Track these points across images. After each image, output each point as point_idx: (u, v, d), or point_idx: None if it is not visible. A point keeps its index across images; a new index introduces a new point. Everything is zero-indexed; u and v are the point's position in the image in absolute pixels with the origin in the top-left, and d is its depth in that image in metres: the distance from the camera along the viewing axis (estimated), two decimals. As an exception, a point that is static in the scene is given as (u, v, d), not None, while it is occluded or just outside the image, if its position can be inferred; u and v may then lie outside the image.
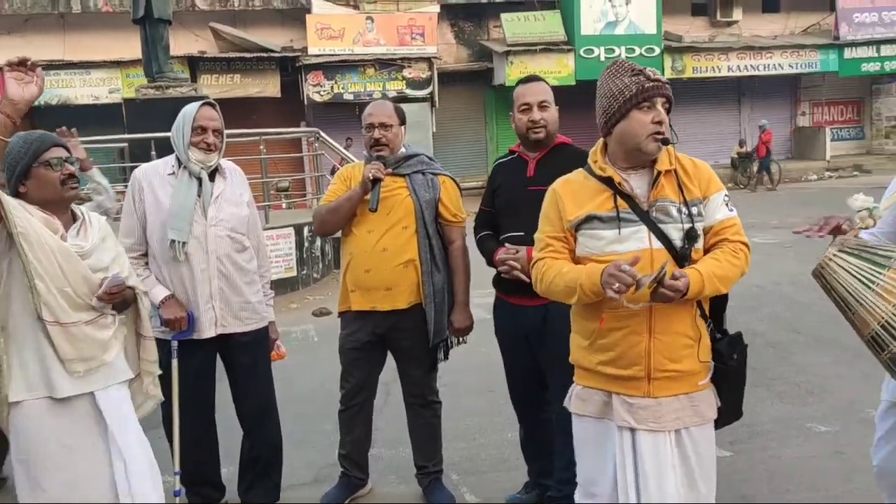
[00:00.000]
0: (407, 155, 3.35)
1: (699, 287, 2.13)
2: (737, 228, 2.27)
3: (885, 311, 2.09)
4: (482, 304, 4.34)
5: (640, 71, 2.27)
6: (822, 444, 3.96)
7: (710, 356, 2.28)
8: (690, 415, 2.24)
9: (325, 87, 18.77)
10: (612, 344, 2.26)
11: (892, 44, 22.24)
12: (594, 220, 2.27)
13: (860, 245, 2.20)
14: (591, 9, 20.16)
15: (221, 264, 3.05)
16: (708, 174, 2.31)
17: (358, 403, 3.42)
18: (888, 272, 2.12)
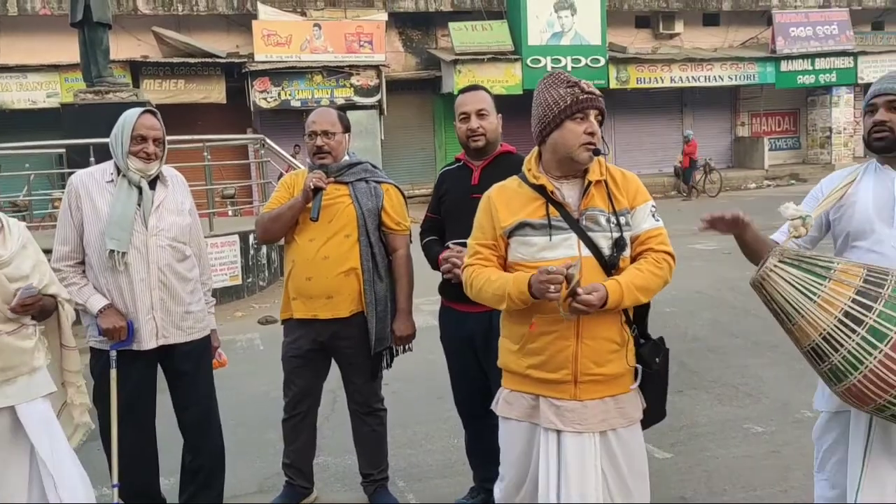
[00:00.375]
0: (350, 163, 3.34)
1: (618, 298, 2.20)
2: (662, 238, 2.34)
3: (827, 322, 2.07)
4: (430, 310, 4.36)
5: (574, 83, 2.33)
6: (758, 445, 4.07)
7: (633, 361, 2.36)
8: (616, 416, 2.31)
9: (271, 94, 18.59)
10: (541, 348, 2.32)
11: (826, 57, 23.10)
12: (526, 227, 2.33)
13: (800, 256, 2.20)
14: (537, 19, 20.43)
15: (162, 274, 2.99)
16: (636, 185, 2.39)
17: (302, 412, 3.39)
18: (829, 283, 2.10)
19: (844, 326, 2.06)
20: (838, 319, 2.07)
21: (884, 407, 2.08)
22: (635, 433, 2.37)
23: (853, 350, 2.05)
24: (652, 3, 22.94)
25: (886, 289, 2.07)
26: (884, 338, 2.02)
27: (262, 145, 10.34)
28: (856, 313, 2.06)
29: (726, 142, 24.92)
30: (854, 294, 2.07)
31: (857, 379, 2.06)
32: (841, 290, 2.09)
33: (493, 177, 3.05)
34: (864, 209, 2.37)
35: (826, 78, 23.21)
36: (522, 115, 10.60)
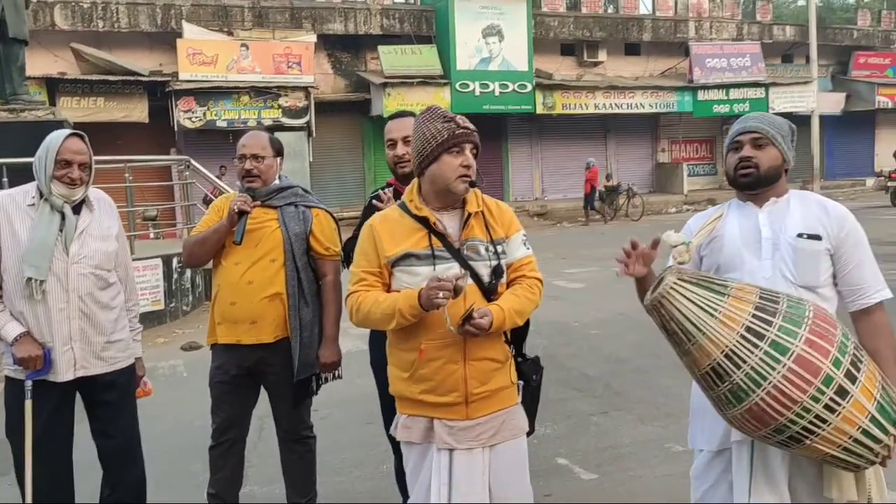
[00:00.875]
0: (280, 187, 3.32)
1: (501, 322, 2.36)
2: (533, 265, 2.53)
3: (730, 338, 2.03)
4: (358, 334, 4.34)
5: (451, 118, 2.46)
6: (679, 464, 4.18)
7: (515, 377, 2.54)
8: (507, 429, 2.47)
9: (197, 114, 18.25)
10: (432, 374, 2.41)
11: (740, 87, 24.24)
12: (411, 258, 2.41)
13: (697, 275, 2.18)
14: (465, 45, 20.77)
15: (83, 303, 2.89)
16: (510, 216, 2.56)
17: (229, 439, 3.31)
18: (729, 299, 2.08)
19: (747, 341, 2.02)
20: (740, 335, 2.03)
21: (783, 427, 2.02)
22: (521, 444, 2.53)
23: (756, 365, 2.01)
24: (576, 32, 23.64)
25: (781, 304, 2.08)
26: (786, 351, 2.00)
27: (187, 166, 10.13)
28: (757, 328, 2.03)
29: (648, 167, 25.78)
30: (753, 309, 2.05)
31: (759, 397, 2.01)
32: (740, 306, 2.06)
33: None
34: (733, 243, 2.41)
35: (740, 108, 24.31)
36: (451, 140, 10.67)
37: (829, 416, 1.98)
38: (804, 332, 2.01)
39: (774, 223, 2.38)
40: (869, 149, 29.40)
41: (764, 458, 2.27)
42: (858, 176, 27.95)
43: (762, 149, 2.40)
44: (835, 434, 2.00)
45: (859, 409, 2.00)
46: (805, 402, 1.97)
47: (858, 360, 2.05)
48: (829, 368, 1.98)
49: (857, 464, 2.07)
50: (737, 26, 26.15)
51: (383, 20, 21.14)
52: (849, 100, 27.36)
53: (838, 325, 2.10)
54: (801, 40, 26.24)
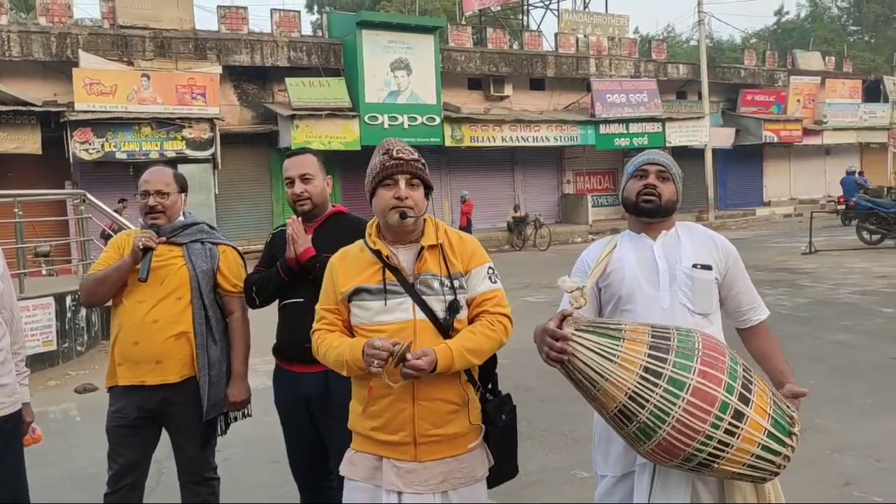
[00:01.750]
0: (185, 224, 3.24)
1: (448, 362, 2.24)
2: (498, 300, 2.38)
3: (630, 380, 2.08)
4: (265, 370, 4.25)
5: (388, 150, 2.40)
6: (584, 490, 4.26)
7: (478, 419, 2.40)
8: (458, 476, 2.34)
9: (94, 145, 17.57)
10: (381, 410, 2.34)
11: (638, 122, 25.32)
12: (363, 293, 2.37)
13: (592, 322, 2.22)
14: (374, 78, 20.90)
15: None
16: (472, 249, 2.43)
17: (127, 485, 3.15)
18: (624, 343, 2.13)
19: (646, 381, 2.08)
20: (640, 376, 2.08)
21: (691, 456, 2.08)
22: (477, 491, 2.40)
23: (658, 403, 2.06)
24: (483, 66, 24.20)
25: (672, 340, 2.15)
26: (683, 386, 2.06)
27: (83, 200, 9.71)
28: (654, 367, 2.09)
29: (554, 198, 26.48)
30: (648, 349, 2.11)
31: (665, 432, 2.06)
32: (636, 348, 2.12)
33: (325, 237, 3.10)
34: (632, 274, 2.47)
35: (639, 141, 25.38)
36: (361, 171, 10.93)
37: (731, 439, 2.06)
38: (696, 365, 2.09)
39: (669, 255, 2.47)
40: (758, 180, 31.19)
41: (665, 479, 2.34)
42: (749, 206, 29.59)
43: (665, 182, 2.52)
44: (738, 455, 2.08)
45: (756, 427, 2.09)
46: (706, 430, 2.05)
47: (749, 381, 2.14)
48: (724, 395, 2.06)
49: (763, 477, 2.16)
50: (634, 64, 27.39)
51: (290, 52, 21.06)
52: (738, 134, 29.01)
53: (726, 351, 2.19)
54: (694, 78, 27.72)
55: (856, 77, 33.68)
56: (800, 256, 15.59)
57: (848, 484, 4.20)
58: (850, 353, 7.35)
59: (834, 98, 31.55)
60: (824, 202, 27.58)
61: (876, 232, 17.04)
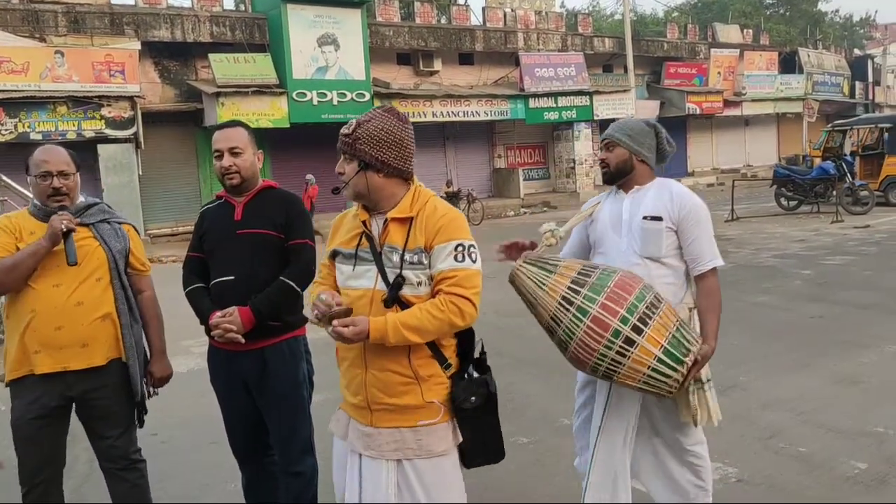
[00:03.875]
0: (88, 204, 3.13)
1: (380, 335, 2.23)
2: (457, 280, 2.27)
3: (552, 305, 2.69)
4: (200, 352, 4.17)
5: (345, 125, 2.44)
6: (524, 455, 4.37)
7: (440, 396, 2.35)
8: (413, 447, 2.34)
9: (7, 126, 16.75)
10: (344, 371, 2.49)
11: (567, 96, 25.59)
12: (339, 255, 2.48)
13: (538, 258, 2.82)
14: (301, 54, 20.48)
15: None
16: (441, 223, 2.32)
17: (45, 479, 3.02)
18: (553, 276, 2.72)
19: (562, 307, 2.66)
20: (558, 302, 2.67)
21: (595, 367, 2.67)
22: (437, 466, 2.35)
23: (568, 324, 2.65)
24: (411, 41, 24.01)
25: (591, 278, 2.69)
26: (586, 313, 2.63)
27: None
28: (569, 296, 2.67)
29: (486, 173, 26.62)
30: (569, 283, 2.69)
31: (573, 346, 2.66)
32: (561, 281, 2.71)
33: (255, 212, 3.06)
34: (603, 223, 3.05)
35: (568, 114, 25.69)
36: (290, 149, 10.70)
37: (622, 359, 2.61)
38: (601, 299, 2.63)
39: (633, 207, 2.99)
40: (682, 151, 32.01)
41: (619, 393, 2.92)
42: (673, 176, 30.17)
43: (612, 150, 3.04)
44: (631, 372, 2.62)
45: (646, 353, 2.60)
46: (600, 349, 2.61)
47: (648, 316, 2.62)
48: (618, 325, 2.60)
49: (662, 390, 2.67)
50: (561, 38, 27.63)
51: (213, 27, 20.44)
52: (663, 107, 29.68)
53: (636, 290, 2.66)
54: (619, 51, 28.15)
55: (772, 49, 34.81)
56: (723, 224, 16.14)
57: (773, 437, 4.42)
58: (771, 314, 7.70)
59: (752, 70, 32.59)
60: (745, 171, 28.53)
61: (793, 198, 17.78)
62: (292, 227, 3.05)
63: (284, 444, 3.09)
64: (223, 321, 2.90)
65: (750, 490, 3.77)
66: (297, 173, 19.69)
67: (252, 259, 2.99)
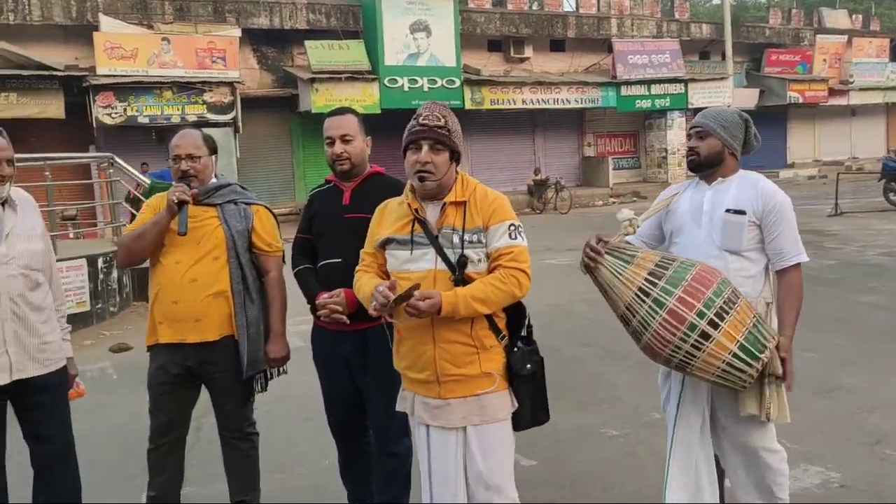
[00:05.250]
0: (219, 185, 3.28)
1: (452, 307, 2.41)
2: (514, 255, 2.50)
3: (628, 295, 2.70)
4: (298, 331, 4.32)
5: (418, 115, 2.57)
6: (614, 447, 4.33)
7: (497, 366, 2.56)
8: (478, 414, 2.53)
9: (116, 110, 17.64)
10: (407, 351, 2.59)
11: (660, 83, 24.95)
12: (392, 242, 2.60)
13: (616, 247, 2.80)
14: (393, 40, 20.71)
15: (15, 305, 2.79)
16: (495, 206, 2.56)
17: (169, 441, 3.25)
18: (630, 267, 2.72)
19: (638, 298, 2.68)
20: (634, 293, 2.69)
21: (669, 358, 2.68)
22: (497, 430, 2.56)
23: (644, 315, 2.67)
24: (503, 28, 23.89)
25: (669, 271, 2.68)
26: (662, 305, 2.63)
27: (111, 164, 9.80)
28: (646, 287, 2.67)
29: (575, 161, 26.29)
30: (647, 274, 2.69)
31: (647, 337, 2.68)
32: (638, 272, 2.71)
33: (364, 197, 3.12)
34: (682, 213, 3.01)
35: (661, 103, 25.05)
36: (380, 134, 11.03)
37: (697, 352, 2.62)
38: (678, 292, 2.63)
39: (715, 199, 2.94)
40: (781, 142, 30.74)
41: (692, 382, 2.92)
42: (772, 168, 29.19)
43: (703, 139, 2.95)
44: (705, 365, 2.63)
45: (721, 348, 2.61)
46: (675, 341, 2.63)
47: (725, 312, 2.62)
48: (694, 318, 2.61)
49: (735, 384, 2.68)
50: (657, 24, 26.92)
51: (309, 15, 20.90)
52: (762, 95, 28.53)
53: (714, 284, 2.65)
54: (717, 38, 27.21)
55: (883, 36, 32.86)
56: (825, 218, 15.44)
57: (879, 442, 4.22)
58: (878, 314, 7.33)
59: (861, 57, 30.86)
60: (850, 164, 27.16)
61: (902, 194, 16.81)
62: None
63: (382, 425, 3.17)
64: (330, 302, 2.99)
65: (854, 496, 3.63)
66: (385, 159, 19.73)
67: (359, 243, 3.05)
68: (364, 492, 3.34)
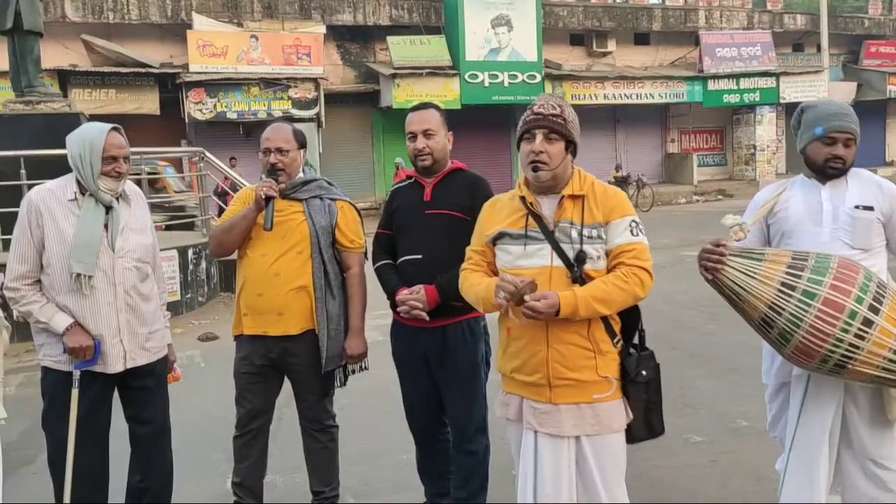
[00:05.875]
0: (305, 180, 3.33)
1: (571, 309, 2.31)
2: (636, 253, 2.39)
3: (769, 293, 2.48)
4: (376, 326, 4.37)
5: (532, 105, 2.49)
6: (698, 454, 4.21)
7: (613, 371, 2.44)
8: (591, 423, 2.40)
9: (207, 105, 18.28)
10: (518, 352, 2.47)
11: (750, 77, 24.09)
12: (505, 237, 2.50)
13: (741, 248, 2.65)
14: (474, 35, 20.70)
15: (128, 296, 2.94)
16: (615, 201, 2.46)
17: (254, 429, 3.35)
18: (764, 264, 2.54)
19: (782, 293, 2.47)
20: (777, 289, 2.48)
21: (827, 357, 2.44)
22: (611, 442, 2.44)
23: (793, 311, 2.45)
24: (585, 21, 23.54)
25: (809, 261, 2.52)
26: (814, 296, 2.44)
27: (201, 158, 10.16)
28: (790, 281, 2.49)
29: (657, 157, 25.70)
30: (786, 268, 2.51)
31: (800, 335, 2.45)
32: (775, 267, 2.53)
33: (444, 193, 3.12)
34: (797, 213, 2.81)
35: (750, 97, 24.20)
36: (460, 130, 11.01)
37: (861, 342, 2.40)
38: (828, 279, 2.45)
39: (835, 197, 2.78)
40: (880, 138, 29.21)
41: (817, 390, 2.73)
42: (870, 165, 27.74)
43: (850, 147, 2.77)
44: (870, 357, 2.40)
45: (886, 334, 2.41)
46: (837, 333, 2.40)
47: (881, 295, 2.45)
48: (853, 304, 2.41)
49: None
50: (747, 15, 25.98)
51: (392, 11, 21.11)
52: (860, 89, 27.17)
53: (861, 270, 2.50)
54: (812, 29, 26.05)
55: None
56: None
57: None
58: None
59: (971, 49, 29.02)
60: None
61: None
62: (477, 209, 3.09)
63: (460, 422, 3.17)
64: (409, 298, 3.01)
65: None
66: (465, 155, 19.89)
67: (439, 239, 3.06)
68: (442, 488, 3.35)
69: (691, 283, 4.64)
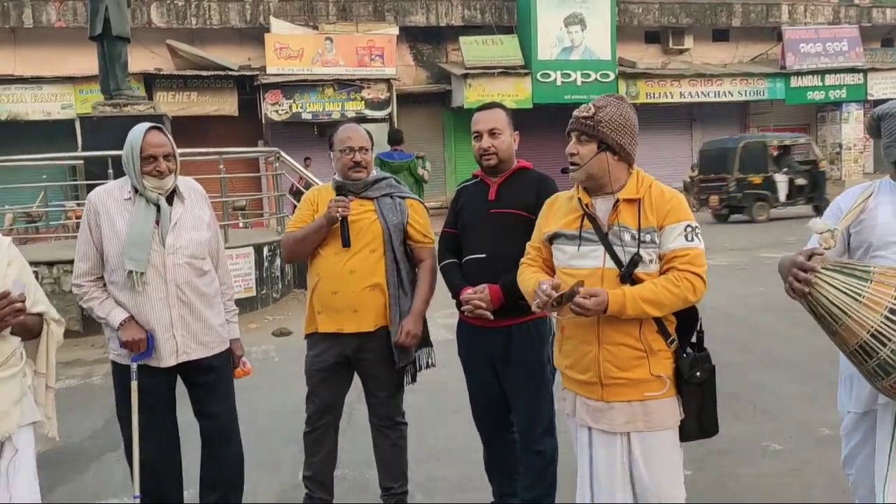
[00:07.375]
0: (375, 179, 3.37)
1: (619, 307, 2.33)
2: (689, 258, 2.38)
3: (874, 320, 2.21)
4: (446, 324, 4.37)
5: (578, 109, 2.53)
6: (778, 463, 4.05)
7: (667, 370, 2.45)
8: (643, 421, 2.43)
9: (283, 107, 18.72)
10: (571, 350, 2.53)
11: (836, 73, 23.15)
12: (561, 237, 2.54)
13: (840, 262, 2.33)
14: (547, 34, 20.54)
15: (181, 292, 3.01)
16: (670, 205, 2.45)
17: (324, 424, 3.39)
18: (871, 285, 2.24)
19: (891, 322, 2.20)
20: (884, 316, 2.20)
21: None
22: (662, 440, 2.45)
23: None
24: (661, 18, 23.05)
25: None
26: None
27: (277, 158, 10.40)
28: None
29: (736, 157, 24.88)
30: None
31: None
32: (883, 290, 2.23)
33: (509, 192, 3.10)
34: (886, 222, 2.46)
35: (836, 94, 23.27)
36: (532, 130, 10.77)
37: None
38: None
39: None
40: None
41: None
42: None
43: None
44: None
45: None
46: None
47: None
48: None
49: None
50: (833, 9, 24.95)
51: (465, 11, 21.15)
52: (954, 85, 25.75)
53: None
54: (904, 22, 24.84)
55: None
56: None
57: None
58: None
59: None
60: None
61: None
62: (542, 208, 3.06)
63: (527, 423, 3.14)
64: (474, 297, 3.00)
65: None
66: (536, 154, 19.75)
67: (503, 238, 3.04)
68: (510, 488, 3.32)
69: (768, 285, 4.46)
